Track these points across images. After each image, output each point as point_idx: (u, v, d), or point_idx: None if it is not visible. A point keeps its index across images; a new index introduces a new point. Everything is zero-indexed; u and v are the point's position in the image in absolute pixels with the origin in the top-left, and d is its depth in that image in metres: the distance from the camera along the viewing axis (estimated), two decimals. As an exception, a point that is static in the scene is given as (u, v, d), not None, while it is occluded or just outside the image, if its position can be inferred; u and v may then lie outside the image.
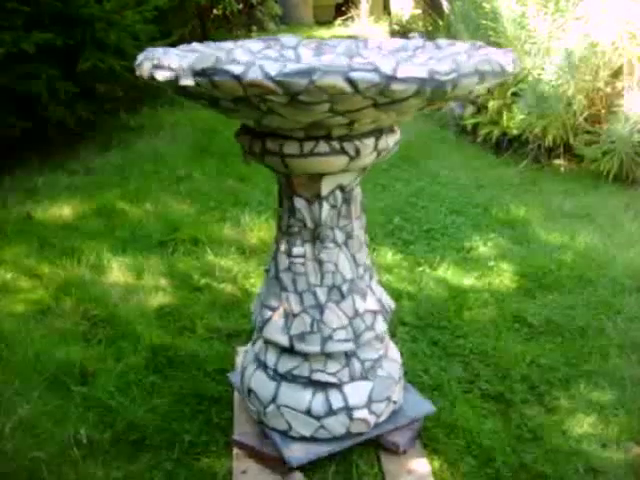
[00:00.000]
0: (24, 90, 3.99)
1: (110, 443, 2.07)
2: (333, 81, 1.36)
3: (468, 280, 2.97)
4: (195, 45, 1.86)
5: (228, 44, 1.93)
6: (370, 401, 1.94)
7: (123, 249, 3.23)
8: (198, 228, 3.42)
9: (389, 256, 3.16)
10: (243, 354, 2.15)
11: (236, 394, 2.17)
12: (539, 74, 4.29)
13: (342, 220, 1.84)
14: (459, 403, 2.20)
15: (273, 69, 1.36)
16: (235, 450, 1.99)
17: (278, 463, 1.92)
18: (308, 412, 1.90)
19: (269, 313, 1.92)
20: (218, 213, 3.63)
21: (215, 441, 2.07)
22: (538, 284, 2.93)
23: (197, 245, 3.26)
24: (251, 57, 1.86)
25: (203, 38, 6.80)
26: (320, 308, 1.87)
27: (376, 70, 1.37)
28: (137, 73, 1.63)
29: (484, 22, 4.69)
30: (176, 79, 1.47)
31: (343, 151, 1.66)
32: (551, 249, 3.26)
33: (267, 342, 1.96)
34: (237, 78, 1.38)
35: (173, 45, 1.93)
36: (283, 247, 1.87)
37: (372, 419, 1.95)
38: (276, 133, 1.66)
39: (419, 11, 7.81)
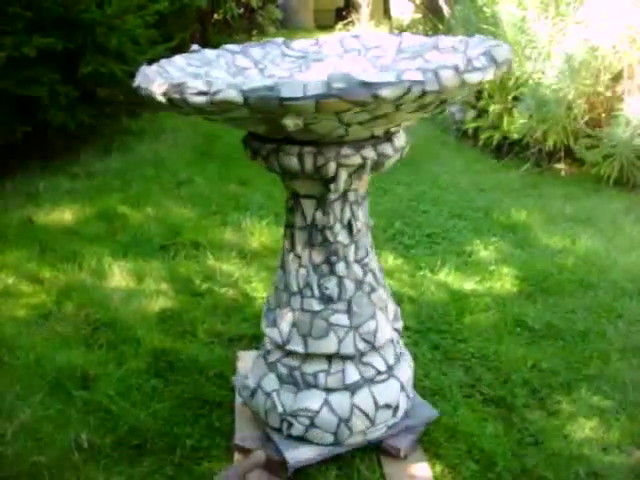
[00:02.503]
0: (25, 94, 3.99)
1: (111, 447, 2.07)
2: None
3: (469, 284, 2.97)
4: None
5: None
6: None
7: (124, 253, 3.23)
8: (199, 232, 3.42)
9: (390, 260, 3.16)
10: (327, 410, 1.91)
11: (237, 399, 2.17)
12: (539, 78, 4.29)
13: None
14: (460, 407, 2.20)
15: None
16: (236, 454, 1.99)
17: (279, 467, 1.92)
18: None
19: (373, 324, 1.93)
20: (219, 217, 3.63)
21: (216, 445, 2.07)
22: (539, 288, 2.93)
23: (198, 249, 3.27)
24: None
25: (204, 43, 6.80)
26: (384, 287, 2.00)
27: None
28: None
29: (484, 26, 4.68)
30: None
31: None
32: (552, 253, 3.25)
33: (371, 351, 1.94)
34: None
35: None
36: (354, 257, 1.89)
37: None
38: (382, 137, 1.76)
39: (419, 15, 7.81)
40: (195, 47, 1.93)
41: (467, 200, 3.91)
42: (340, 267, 1.87)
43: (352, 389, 1.92)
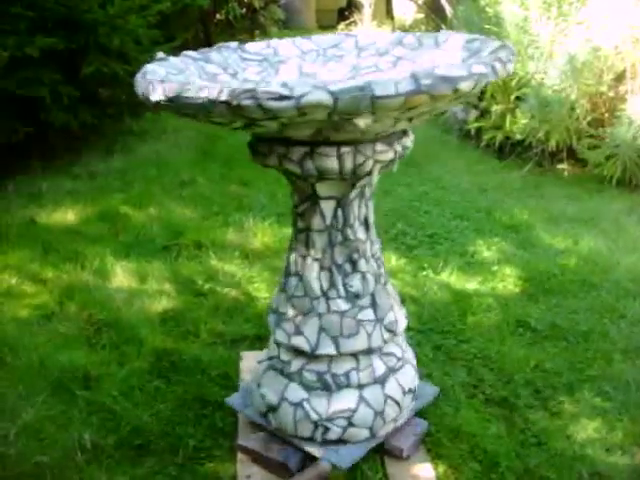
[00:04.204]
0: (27, 94, 3.99)
1: (114, 448, 2.07)
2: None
3: (472, 285, 2.97)
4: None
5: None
6: None
7: (127, 254, 3.23)
8: (201, 233, 3.42)
9: (393, 261, 3.15)
10: (364, 406, 1.91)
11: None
12: (542, 78, 4.29)
13: None
14: (463, 408, 2.20)
15: None
16: (239, 455, 1.99)
17: (282, 468, 1.91)
18: None
19: (393, 314, 1.96)
20: (221, 218, 3.64)
21: (219, 446, 2.07)
22: (542, 288, 2.93)
23: (200, 250, 3.27)
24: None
25: (206, 43, 6.80)
26: None
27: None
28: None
29: (487, 27, 4.68)
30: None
31: None
32: (555, 253, 3.25)
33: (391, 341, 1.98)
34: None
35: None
36: (370, 252, 1.91)
37: None
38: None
39: (422, 15, 7.81)
40: (160, 55, 1.88)
41: (469, 200, 3.91)
42: (362, 263, 1.88)
43: (381, 381, 1.94)
